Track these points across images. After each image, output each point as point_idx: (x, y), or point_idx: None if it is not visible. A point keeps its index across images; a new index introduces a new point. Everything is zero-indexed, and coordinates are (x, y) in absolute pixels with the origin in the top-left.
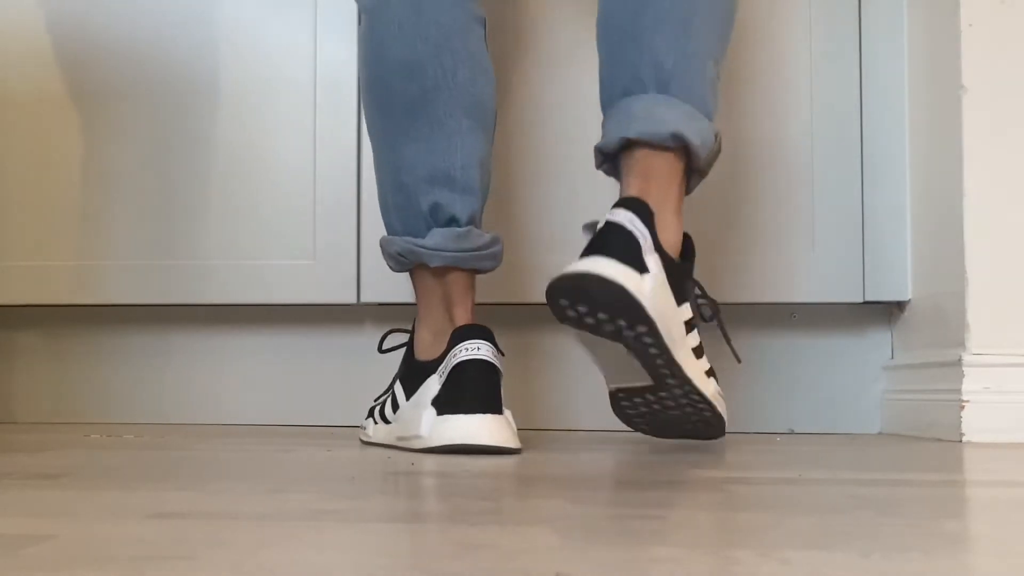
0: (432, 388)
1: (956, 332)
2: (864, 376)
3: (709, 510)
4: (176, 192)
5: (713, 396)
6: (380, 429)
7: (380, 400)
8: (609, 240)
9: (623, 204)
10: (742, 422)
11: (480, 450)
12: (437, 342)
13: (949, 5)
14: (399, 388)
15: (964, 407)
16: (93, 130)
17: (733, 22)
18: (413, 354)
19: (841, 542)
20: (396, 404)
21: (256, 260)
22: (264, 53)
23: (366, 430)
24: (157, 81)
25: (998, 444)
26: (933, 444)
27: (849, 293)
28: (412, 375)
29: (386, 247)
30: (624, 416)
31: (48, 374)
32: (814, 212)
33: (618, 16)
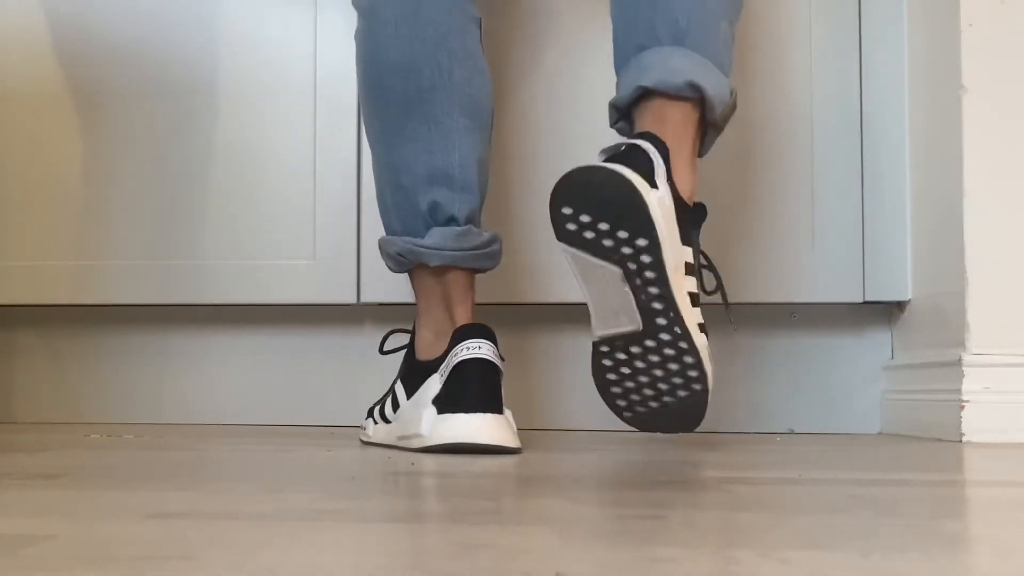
0: (433, 387)
1: (956, 332)
2: (864, 376)
3: (709, 510)
4: (176, 192)
5: (702, 348)
6: (380, 429)
7: (380, 400)
8: (624, 153)
9: (641, 136)
10: (742, 422)
11: (480, 449)
12: (438, 342)
13: (949, 5)
14: (400, 387)
15: (964, 407)
16: (93, 130)
17: None
18: (414, 354)
19: (841, 542)
20: (397, 403)
21: (256, 260)
22: (264, 53)
23: (366, 430)
24: (157, 81)
25: (998, 444)
26: (933, 444)
27: (849, 293)
28: (413, 375)
29: (385, 247)
30: (603, 383)
31: (48, 374)
32: (814, 212)
33: None
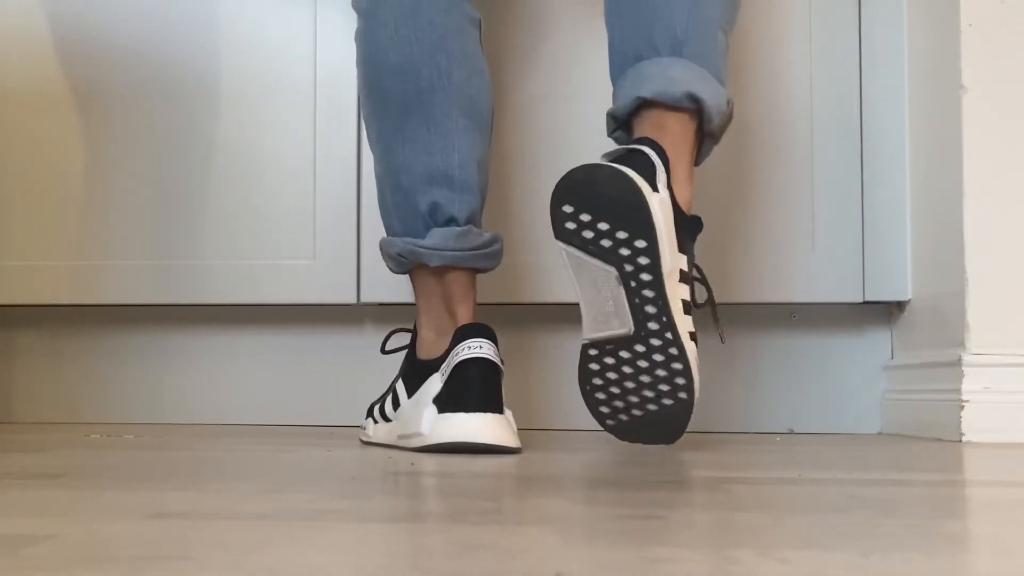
0: (434, 386)
1: (956, 332)
2: (864, 376)
3: (709, 510)
4: (176, 192)
5: (692, 356)
6: (380, 428)
7: (380, 399)
8: (626, 155)
9: (642, 141)
10: (742, 422)
11: (480, 449)
12: (439, 341)
13: (949, 5)
14: (401, 386)
15: (964, 407)
16: (93, 131)
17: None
18: (415, 353)
19: (841, 542)
20: (397, 402)
21: (256, 260)
22: (264, 53)
23: (366, 430)
24: (157, 82)
25: (998, 444)
26: (933, 444)
27: (849, 293)
28: (414, 374)
29: (386, 248)
30: (588, 388)
31: (48, 374)
32: (814, 212)
33: None
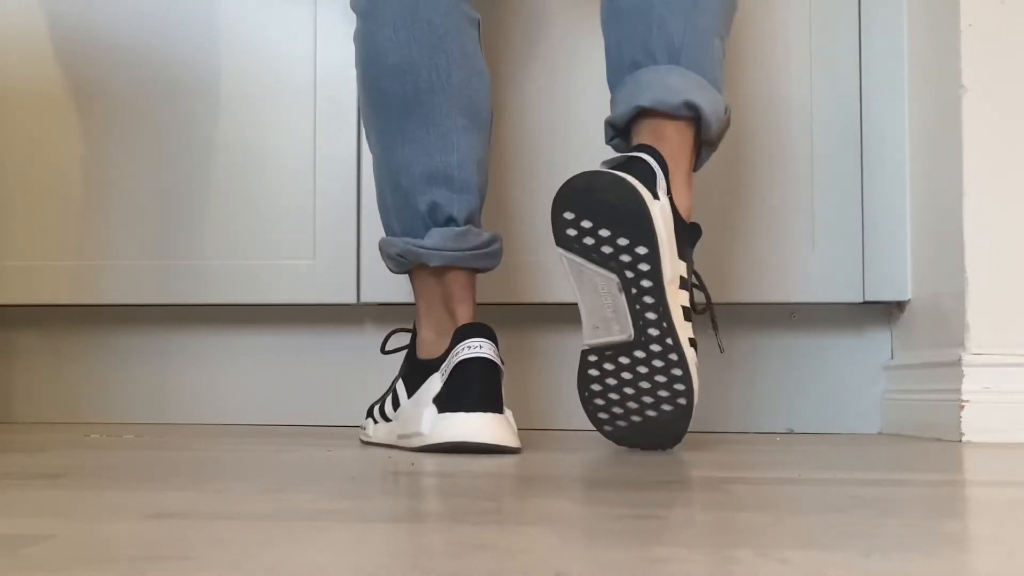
0: (434, 386)
1: (956, 332)
2: (864, 376)
3: (709, 510)
4: (176, 192)
5: (691, 362)
6: (380, 428)
7: (380, 400)
8: (626, 162)
9: (641, 148)
10: (742, 422)
11: (480, 449)
12: (439, 341)
13: (949, 5)
14: (401, 386)
15: (964, 407)
16: (93, 130)
17: (737, 3)
18: (415, 353)
19: (841, 542)
20: (397, 402)
21: (256, 260)
22: (264, 53)
23: (366, 429)
24: (157, 82)
25: (998, 444)
26: (933, 444)
27: (849, 293)
28: (414, 374)
29: (385, 249)
30: (587, 394)
31: (48, 374)
32: (814, 212)
33: None
